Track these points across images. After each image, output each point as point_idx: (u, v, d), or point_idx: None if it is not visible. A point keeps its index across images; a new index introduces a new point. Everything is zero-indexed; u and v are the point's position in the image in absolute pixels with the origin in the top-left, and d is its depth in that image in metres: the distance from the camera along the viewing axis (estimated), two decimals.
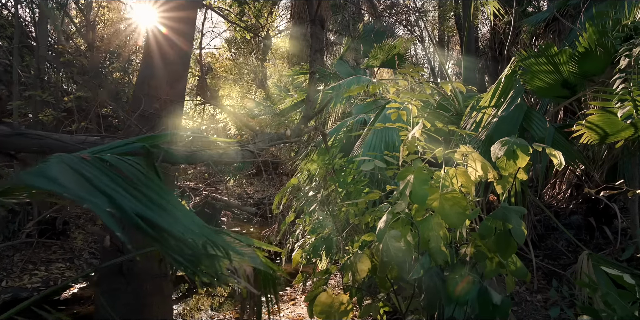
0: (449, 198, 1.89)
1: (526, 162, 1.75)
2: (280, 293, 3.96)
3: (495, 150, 1.83)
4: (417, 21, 14.18)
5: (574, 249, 4.35)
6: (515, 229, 1.66)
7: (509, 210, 1.73)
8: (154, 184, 1.34)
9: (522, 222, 1.68)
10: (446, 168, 2.10)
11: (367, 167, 2.18)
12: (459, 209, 1.86)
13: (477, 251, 1.84)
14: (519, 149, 1.74)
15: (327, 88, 4.86)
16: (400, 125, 2.42)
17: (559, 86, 4.11)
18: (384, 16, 13.84)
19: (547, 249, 4.40)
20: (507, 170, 1.83)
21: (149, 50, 2.27)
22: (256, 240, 2.00)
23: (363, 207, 2.58)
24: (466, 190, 2.14)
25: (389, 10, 14.37)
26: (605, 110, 3.11)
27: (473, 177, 2.00)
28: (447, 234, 1.95)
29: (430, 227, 1.90)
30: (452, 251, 1.95)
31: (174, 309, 4.63)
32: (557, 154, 1.79)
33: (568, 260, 4.07)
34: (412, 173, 2.00)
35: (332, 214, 2.63)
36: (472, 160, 1.99)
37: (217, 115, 9.82)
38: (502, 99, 3.52)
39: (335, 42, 13.48)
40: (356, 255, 2.11)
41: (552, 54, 3.80)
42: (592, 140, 3.26)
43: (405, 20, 14.01)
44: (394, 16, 14.13)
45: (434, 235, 1.88)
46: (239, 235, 1.98)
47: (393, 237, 1.83)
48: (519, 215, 1.71)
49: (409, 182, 1.96)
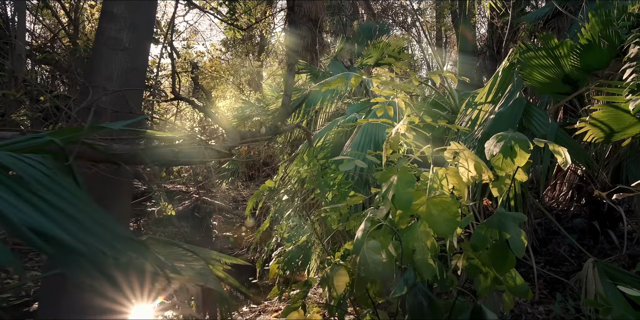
0: (437, 202, 1.63)
1: (526, 161, 1.48)
2: (265, 303, 3.69)
3: (490, 147, 1.56)
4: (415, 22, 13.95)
5: (577, 254, 4.08)
6: (514, 240, 1.39)
7: (506, 217, 1.46)
8: (62, 188, 1.07)
9: (522, 230, 1.42)
10: (435, 168, 1.84)
11: (346, 168, 1.91)
12: (448, 215, 1.60)
13: (469, 265, 1.57)
14: (518, 145, 1.48)
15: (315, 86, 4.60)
16: (385, 120, 2.16)
17: (560, 81, 3.85)
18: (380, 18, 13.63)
19: (549, 255, 4.13)
20: (503, 170, 1.56)
21: (101, 35, 2.01)
22: (216, 253, 1.74)
23: (346, 212, 2.31)
24: (458, 193, 1.88)
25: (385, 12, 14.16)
26: (612, 105, 2.85)
27: (465, 178, 1.73)
28: (436, 244, 1.68)
29: (416, 237, 1.64)
30: (441, 264, 1.68)
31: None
32: (562, 151, 1.52)
33: (571, 267, 3.79)
34: (396, 174, 1.74)
35: (312, 220, 2.37)
36: (464, 159, 1.72)
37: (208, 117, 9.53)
38: (499, 94, 3.26)
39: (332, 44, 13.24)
40: (333, 268, 1.84)
41: (552, 47, 3.54)
42: (596, 138, 2.99)
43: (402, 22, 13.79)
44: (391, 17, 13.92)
45: (420, 246, 1.61)
46: (196, 247, 1.72)
47: (372, 249, 1.57)
48: (518, 223, 1.44)
49: (392, 184, 1.70)
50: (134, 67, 2.03)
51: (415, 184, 1.71)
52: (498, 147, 1.52)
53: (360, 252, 1.59)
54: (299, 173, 2.40)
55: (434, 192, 1.66)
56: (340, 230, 2.70)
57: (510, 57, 3.36)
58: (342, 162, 2.13)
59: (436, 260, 1.66)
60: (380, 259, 1.54)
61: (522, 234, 1.41)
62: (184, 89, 15.30)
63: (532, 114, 3.16)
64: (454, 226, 1.59)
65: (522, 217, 1.43)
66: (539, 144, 1.51)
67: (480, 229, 1.49)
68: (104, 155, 1.37)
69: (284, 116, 2.39)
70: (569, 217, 4.60)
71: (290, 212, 2.33)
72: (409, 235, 1.65)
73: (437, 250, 1.68)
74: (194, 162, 1.80)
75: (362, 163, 1.98)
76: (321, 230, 2.70)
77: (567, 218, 4.63)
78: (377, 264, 1.54)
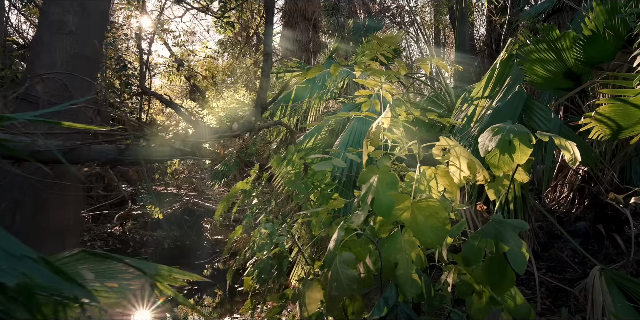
0: (423, 207, 1.38)
1: (527, 157, 1.23)
2: (247, 314, 3.42)
3: (484, 142, 1.32)
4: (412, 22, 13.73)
5: (580, 259, 3.82)
6: (513, 252, 1.15)
7: (504, 225, 1.21)
8: None
9: (523, 241, 1.17)
10: (423, 168, 1.60)
11: (322, 167, 1.67)
12: (436, 221, 1.35)
13: (460, 282, 1.32)
14: (518, 138, 1.23)
15: (302, 82, 4.35)
16: (368, 114, 1.91)
17: (562, 76, 3.61)
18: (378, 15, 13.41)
19: (551, 260, 3.87)
20: (501, 169, 1.31)
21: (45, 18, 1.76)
22: (167, 268, 1.49)
23: (326, 217, 2.06)
24: (450, 196, 1.63)
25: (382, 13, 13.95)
26: (619, 99, 2.60)
27: (457, 178, 1.49)
28: (422, 255, 1.43)
29: (398, 247, 1.39)
30: (428, 279, 1.43)
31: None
32: (570, 146, 1.28)
33: (575, 274, 3.54)
34: (376, 174, 1.49)
35: (289, 226, 2.12)
36: (455, 156, 1.48)
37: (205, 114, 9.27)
38: (497, 88, 3.01)
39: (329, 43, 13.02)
40: (306, 282, 1.59)
41: (554, 39, 3.30)
42: (603, 135, 2.74)
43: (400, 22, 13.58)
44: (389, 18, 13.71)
45: (403, 259, 1.37)
46: (143, 262, 1.47)
47: (345, 262, 1.32)
48: (518, 232, 1.19)
49: (372, 186, 1.46)
50: (82, 54, 1.78)
51: (399, 186, 1.47)
52: (494, 141, 1.27)
53: (332, 266, 1.35)
54: (277, 173, 2.15)
55: (420, 195, 1.42)
56: (324, 237, 2.45)
57: (508, 49, 3.11)
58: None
59: (422, 275, 1.41)
60: (355, 274, 1.30)
61: (523, 245, 1.17)
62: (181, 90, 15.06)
63: (533, 108, 2.91)
64: (443, 235, 1.35)
65: (523, 226, 1.19)
66: (542, 138, 1.27)
67: (474, 239, 1.24)
68: (14, 152, 1.12)
69: (260, 111, 2.14)
70: (572, 220, 4.35)
71: (262, 218, 2.08)
72: (391, 245, 1.41)
73: (424, 263, 1.44)
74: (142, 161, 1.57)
75: (340, 162, 1.73)
76: (307, 237, 2.46)
77: (569, 221, 4.38)
78: (352, 281, 1.29)
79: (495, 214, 1.26)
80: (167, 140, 1.66)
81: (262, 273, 1.87)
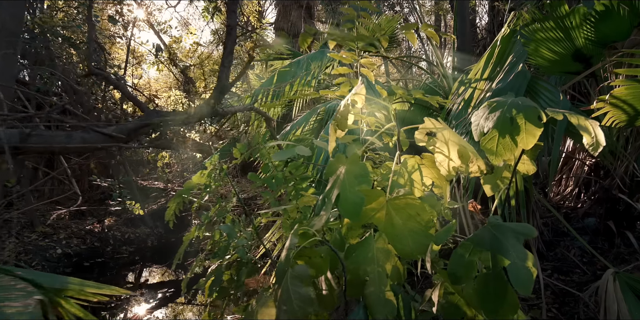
0: (401, 206, 1.10)
1: (535, 140, 0.94)
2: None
3: (478, 121, 1.02)
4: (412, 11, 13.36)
5: (589, 259, 3.54)
6: (516, 268, 0.86)
7: (503, 230, 0.92)
8: None
9: (529, 253, 0.88)
10: (404, 157, 1.30)
11: (280, 157, 1.37)
12: (417, 224, 1.07)
13: (446, 303, 1.03)
14: (523, 115, 0.94)
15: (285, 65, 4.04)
16: (340, 94, 1.61)
17: (570, 58, 3.30)
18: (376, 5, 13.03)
19: (557, 260, 3.59)
20: (500, 156, 1.02)
21: None
22: (78, 281, 1.20)
23: (295, 216, 1.78)
24: (439, 192, 1.34)
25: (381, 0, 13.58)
26: (636, 79, 2.30)
27: (444, 169, 1.19)
28: (400, 267, 1.14)
29: (369, 258, 1.11)
30: (407, 298, 1.14)
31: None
32: (590, 126, 0.98)
33: (584, 277, 3.25)
34: (344, 164, 1.20)
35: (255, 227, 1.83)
36: (444, 141, 1.18)
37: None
38: (498, 68, 2.71)
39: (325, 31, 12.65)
40: (259, 298, 1.30)
41: (562, 16, 2.99)
42: (617, 121, 2.44)
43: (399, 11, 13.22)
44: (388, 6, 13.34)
45: (374, 272, 1.08)
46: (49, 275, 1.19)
47: (298, 278, 1.03)
48: (523, 241, 0.90)
49: (338, 179, 1.17)
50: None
51: (372, 179, 1.18)
52: (491, 119, 0.98)
53: (283, 282, 1.06)
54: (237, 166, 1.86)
55: (398, 191, 1.12)
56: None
57: (511, 23, 2.80)
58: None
59: (401, 291, 1.13)
60: (310, 294, 1.01)
61: (530, 257, 0.88)
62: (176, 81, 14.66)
63: (538, 90, 2.60)
64: (426, 242, 1.06)
65: (529, 232, 0.89)
66: (555, 116, 0.97)
67: (463, 249, 0.95)
68: None
69: (220, 93, 1.84)
70: (580, 216, 4.06)
71: (214, 218, 1.79)
72: (360, 255, 1.12)
73: (403, 276, 1.15)
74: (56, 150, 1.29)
75: (305, 150, 1.43)
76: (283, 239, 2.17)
77: (577, 217, 4.08)
78: (306, 302, 1.00)
79: (493, 216, 0.97)
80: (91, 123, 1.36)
81: (215, 284, 1.59)
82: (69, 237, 5.42)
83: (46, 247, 5.03)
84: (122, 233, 6.07)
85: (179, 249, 1.80)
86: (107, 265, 5.47)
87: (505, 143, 0.97)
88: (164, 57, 7.24)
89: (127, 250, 5.90)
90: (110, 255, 5.64)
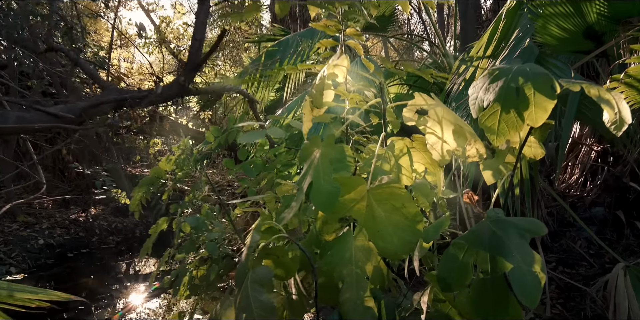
0: (385, 197, 0.95)
1: (547, 116, 0.77)
2: None
3: (477, 93, 0.85)
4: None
5: (596, 251, 3.40)
6: (521, 274, 0.70)
7: (505, 226, 0.77)
8: None
9: (537, 255, 0.72)
10: (392, 139, 1.15)
11: (249, 139, 1.21)
12: (402, 219, 0.92)
13: (435, 312, 0.88)
14: (532, 84, 0.77)
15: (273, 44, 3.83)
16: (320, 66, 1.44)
17: (581, 36, 3.10)
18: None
19: (562, 252, 3.45)
20: (502, 135, 0.85)
21: None
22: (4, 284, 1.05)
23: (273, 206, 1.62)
24: (433, 180, 1.19)
25: None
26: None
27: (437, 153, 1.03)
28: (383, 269, 0.99)
29: (346, 257, 0.96)
30: (391, 303, 0.99)
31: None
32: (613, 99, 0.81)
33: (591, 270, 3.12)
34: (320, 147, 1.04)
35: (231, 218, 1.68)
36: (436, 120, 1.02)
37: None
38: (502, 44, 2.52)
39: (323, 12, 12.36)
40: (224, 301, 1.16)
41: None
42: (633, 102, 2.28)
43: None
44: None
45: (352, 275, 0.93)
46: None
47: (259, 282, 0.88)
48: (529, 240, 0.75)
49: (312, 165, 1.01)
50: None
51: (351, 164, 1.02)
52: (493, 91, 0.81)
53: (243, 286, 0.91)
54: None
55: (381, 179, 0.97)
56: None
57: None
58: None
59: (385, 297, 0.98)
60: (272, 300, 0.86)
61: (537, 261, 0.72)
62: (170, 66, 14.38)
63: (547, 67, 2.42)
64: (412, 239, 0.91)
65: (538, 229, 0.74)
66: (571, 87, 0.80)
67: (456, 249, 0.79)
68: None
69: (192, 70, 1.66)
70: (587, 206, 3.91)
71: (176, 209, 1.64)
72: (336, 254, 0.96)
73: (387, 278, 1.00)
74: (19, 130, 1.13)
75: (278, 131, 1.26)
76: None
77: (584, 206, 3.94)
78: (267, 310, 0.85)
79: (492, 209, 0.81)
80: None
81: (178, 284, 1.44)
82: (52, 227, 5.29)
83: (27, 238, 4.90)
84: (109, 222, 5.94)
85: (146, 242, 1.65)
86: (93, 256, 5.35)
87: (509, 119, 0.80)
88: (152, 39, 7.00)
89: (114, 240, 5.77)
90: (96, 245, 5.52)
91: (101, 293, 4.53)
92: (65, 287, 4.59)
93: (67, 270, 5.02)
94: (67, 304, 4.16)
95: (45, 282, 4.69)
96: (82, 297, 1.18)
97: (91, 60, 5.31)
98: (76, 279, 4.84)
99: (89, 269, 5.05)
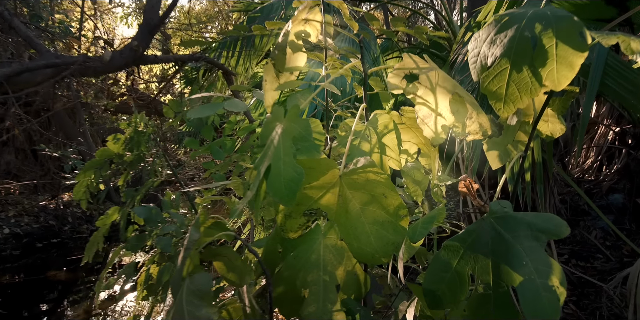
0: (360, 184, 0.80)
1: (573, 75, 0.61)
2: None
3: (479, 48, 0.69)
4: None
5: (613, 242, 3.28)
6: (533, 287, 0.55)
7: (513, 223, 0.61)
8: None
9: (555, 262, 0.57)
10: (376, 112, 0.99)
11: (198, 114, 1.04)
12: (382, 213, 0.77)
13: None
14: (553, 32, 0.60)
15: (256, 9, 3.61)
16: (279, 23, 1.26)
17: (602, 1, 2.93)
18: None
19: (575, 243, 3.33)
20: (511, 103, 0.69)
21: None
22: None
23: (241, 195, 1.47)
24: (427, 164, 1.04)
25: None
26: None
27: (429, 129, 0.87)
28: (360, 274, 0.84)
29: (312, 260, 0.81)
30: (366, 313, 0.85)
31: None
32: None
33: (608, 264, 3.00)
34: (281, 122, 0.88)
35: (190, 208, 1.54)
36: (429, 88, 0.86)
37: None
38: (515, 7, 2.34)
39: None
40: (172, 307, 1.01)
41: None
42: None
43: None
44: None
45: (319, 283, 0.78)
46: None
47: (196, 294, 0.73)
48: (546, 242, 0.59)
49: (272, 145, 0.85)
50: None
51: (320, 144, 0.86)
52: (500, 44, 0.64)
53: (177, 298, 0.76)
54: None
55: (357, 161, 0.81)
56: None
57: None
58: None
59: (359, 309, 0.83)
60: (210, 315, 0.71)
61: (556, 270, 0.57)
62: None
63: None
64: (395, 238, 0.75)
65: (559, 230, 0.58)
66: (603, 40, 0.64)
67: (449, 253, 0.64)
68: None
69: (147, 33, 1.49)
70: (604, 192, 3.78)
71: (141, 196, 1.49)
72: (301, 256, 0.81)
73: (365, 286, 0.85)
74: None
75: (240, 104, 1.10)
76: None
77: (600, 193, 3.81)
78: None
79: (496, 202, 0.65)
80: None
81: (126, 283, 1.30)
82: (19, 215, 5.15)
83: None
84: (83, 210, 5.79)
85: (93, 236, 1.50)
86: (66, 246, 5.23)
87: (520, 81, 0.64)
88: (130, 9, 6.75)
89: (89, 229, 5.63)
90: (68, 234, 5.39)
91: (76, 287, 4.43)
92: (36, 279, 4.48)
93: (37, 262, 4.90)
94: (39, 299, 4.07)
95: (14, 275, 4.58)
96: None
97: (50, 30, 5.07)
98: (47, 271, 4.72)
99: (61, 261, 4.93)
